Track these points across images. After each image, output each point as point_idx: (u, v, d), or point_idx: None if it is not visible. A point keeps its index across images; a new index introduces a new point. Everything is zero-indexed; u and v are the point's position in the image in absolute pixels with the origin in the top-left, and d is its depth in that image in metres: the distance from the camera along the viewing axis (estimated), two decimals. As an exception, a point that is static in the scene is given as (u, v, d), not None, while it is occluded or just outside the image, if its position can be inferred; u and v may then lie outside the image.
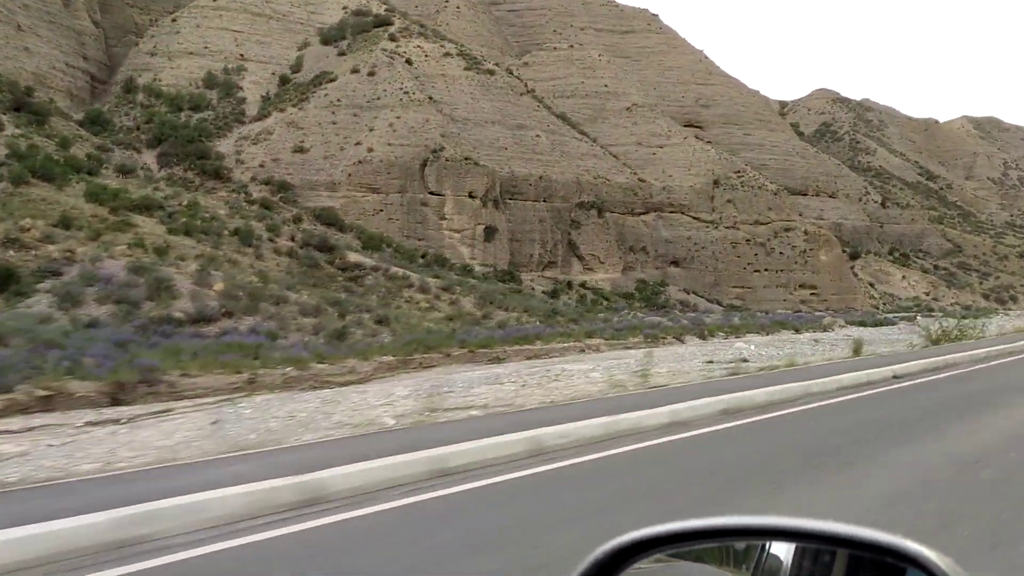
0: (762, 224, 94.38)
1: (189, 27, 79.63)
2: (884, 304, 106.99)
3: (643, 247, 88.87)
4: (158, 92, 71.76)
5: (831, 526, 1.40)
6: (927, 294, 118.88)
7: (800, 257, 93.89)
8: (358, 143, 69.26)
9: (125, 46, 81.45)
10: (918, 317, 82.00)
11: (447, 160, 71.45)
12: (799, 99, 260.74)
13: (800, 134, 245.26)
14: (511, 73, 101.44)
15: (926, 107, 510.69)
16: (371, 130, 70.63)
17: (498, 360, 31.85)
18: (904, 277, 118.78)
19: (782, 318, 57.89)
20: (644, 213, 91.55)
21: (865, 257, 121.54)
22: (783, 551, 1.50)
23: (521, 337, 34.80)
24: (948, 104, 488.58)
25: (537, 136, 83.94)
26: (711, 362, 24.37)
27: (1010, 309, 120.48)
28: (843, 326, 59.21)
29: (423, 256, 67.54)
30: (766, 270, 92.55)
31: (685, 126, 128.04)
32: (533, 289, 73.77)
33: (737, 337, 47.02)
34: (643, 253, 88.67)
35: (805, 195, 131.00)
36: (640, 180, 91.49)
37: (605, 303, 76.46)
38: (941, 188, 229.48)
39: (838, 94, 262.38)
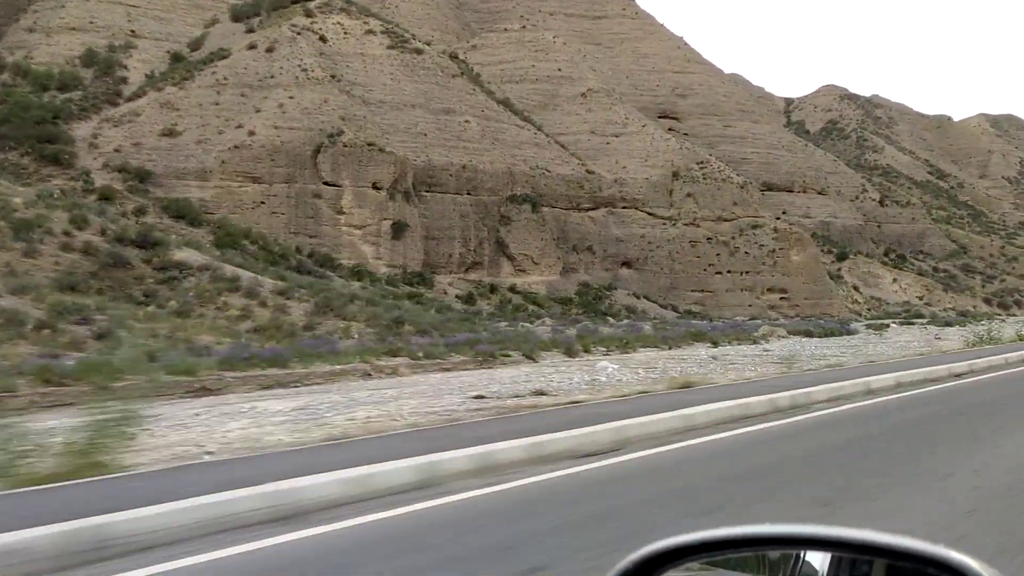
0: (726, 221, 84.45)
1: (76, 1, 71.53)
2: (869, 309, 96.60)
3: (589, 246, 79.30)
4: (26, 70, 63.65)
5: (869, 535, 1.33)
6: (920, 298, 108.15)
7: (768, 258, 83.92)
8: (239, 126, 60.55)
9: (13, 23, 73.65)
10: (891, 326, 72.06)
11: (345, 146, 62.41)
12: (805, 96, 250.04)
13: (806, 132, 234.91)
14: (455, 56, 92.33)
15: (941, 104, 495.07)
16: (257, 112, 61.86)
17: (207, 391, 22.89)
18: (895, 280, 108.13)
19: (704, 327, 48.18)
20: (592, 208, 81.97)
21: (854, 258, 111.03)
22: (818, 561, 1.44)
23: (267, 359, 25.75)
24: (964, 101, 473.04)
25: (466, 122, 74.68)
26: (480, 396, 16.09)
27: (1014, 314, 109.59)
28: (783, 336, 49.61)
29: (310, 255, 58.65)
30: (729, 272, 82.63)
31: (660, 117, 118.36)
32: (446, 293, 64.57)
33: (624, 353, 37.59)
34: (589, 253, 79.11)
35: (791, 191, 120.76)
36: (588, 172, 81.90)
37: (535, 309, 67.07)
38: (952, 187, 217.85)
39: (846, 90, 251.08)
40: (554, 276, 74.48)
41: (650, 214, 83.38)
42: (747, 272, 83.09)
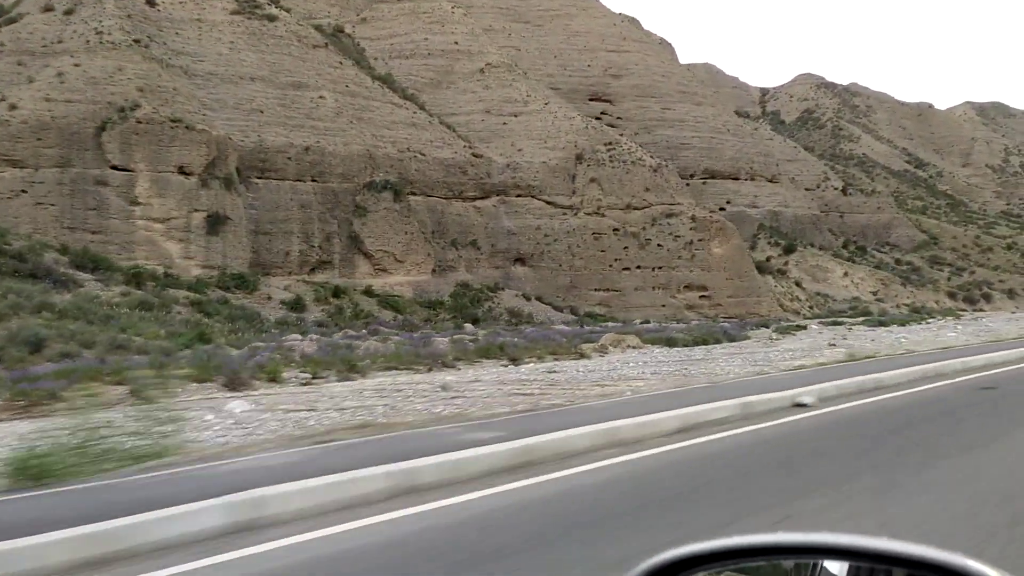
0: (636, 209, 73.29)
1: None
2: (812, 307, 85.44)
3: (473, 241, 68.18)
4: None
5: (887, 544, 1.31)
6: (875, 294, 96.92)
7: (686, 250, 72.81)
8: (2, 99, 49.65)
9: None
10: (808, 327, 60.86)
11: (140, 122, 51.30)
12: (782, 85, 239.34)
13: (781, 122, 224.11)
14: (341, 30, 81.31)
15: (926, 94, 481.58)
16: (30, 82, 50.99)
17: None
18: (847, 274, 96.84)
19: (514, 339, 36.83)
20: (482, 197, 70.89)
21: (803, 251, 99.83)
22: (836, 569, 1.42)
23: None
24: (950, 90, 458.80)
25: (320, 98, 63.54)
26: None
27: (981, 310, 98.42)
28: (634, 347, 38.53)
29: (82, 254, 47.60)
30: (639, 268, 71.51)
31: (591, 100, 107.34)
32: (269, 299, 53.44)
33: (348, 378, 26.59)
34: (472, 249, 67.99)
35: (736, 179, 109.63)
36: (475, 156, 70.76)
37: (391, 315, 55.94)
38: (931, 176, 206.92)
39: (823, 79, 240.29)
40: (423, 276, 63.29)
41: (549, 203, 72.24)
42: (660, 267, 71.95)
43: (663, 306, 70.75)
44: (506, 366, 30.83)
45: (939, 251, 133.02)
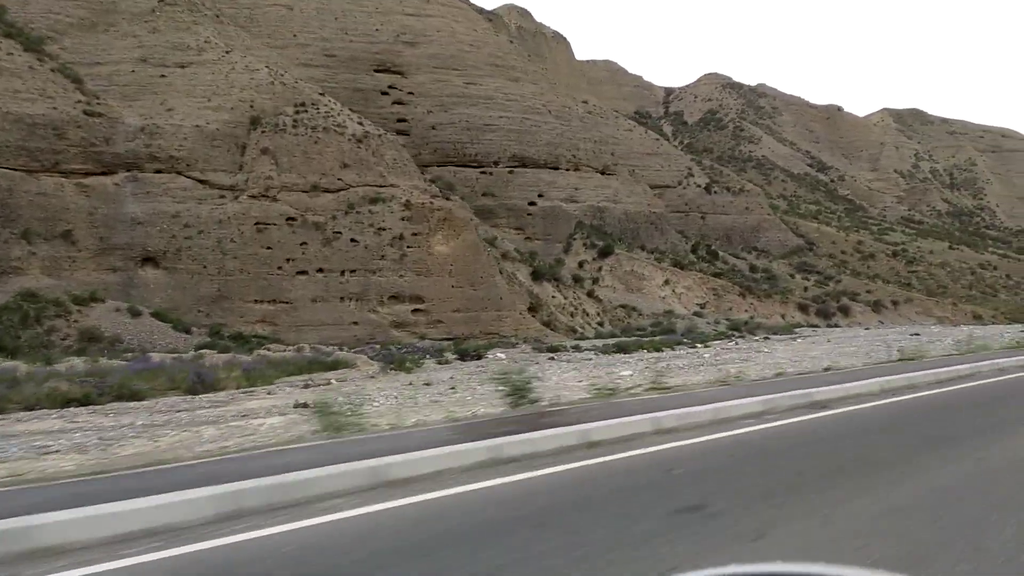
0: (327, 192, 53.36)
1: None
2: (601, 324, 66.34)
3: (66, 232, 47.58)
4: None
5: None
6: (701, 305, 78.37)
7: (394, 248, 53.07)
8: None
9: None
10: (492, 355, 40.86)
11: None
12: (687, 85, 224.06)
13: (683, 123, 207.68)
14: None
15: (845, 99, 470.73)
16: None
17: None
18: (667, 282, 78.13)
19: None
20: (100, 172, 50.39)
21: (619, 255, 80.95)
22: None
23: None
24: (870, 96, 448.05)
25: None
26: None
27: (835, 325, 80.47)
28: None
29: None
30: (321, 271, 51.54)
31: (377, 71, 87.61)
32: None
33: None
34: (65, 243, 47.39)
35: (555, 168, 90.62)
36: (89, 114, 50.15)
37: None
38: (832, 180, 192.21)
39: (729, 79, 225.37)
40: (-47, 280, 42.45)
41: (202, 181, 51.85)
42: (354, 271, 51.91)
43: (355, 323, 50.68)
44: None
45: (813, 257, 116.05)
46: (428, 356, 40.86)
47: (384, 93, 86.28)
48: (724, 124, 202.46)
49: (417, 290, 52.68)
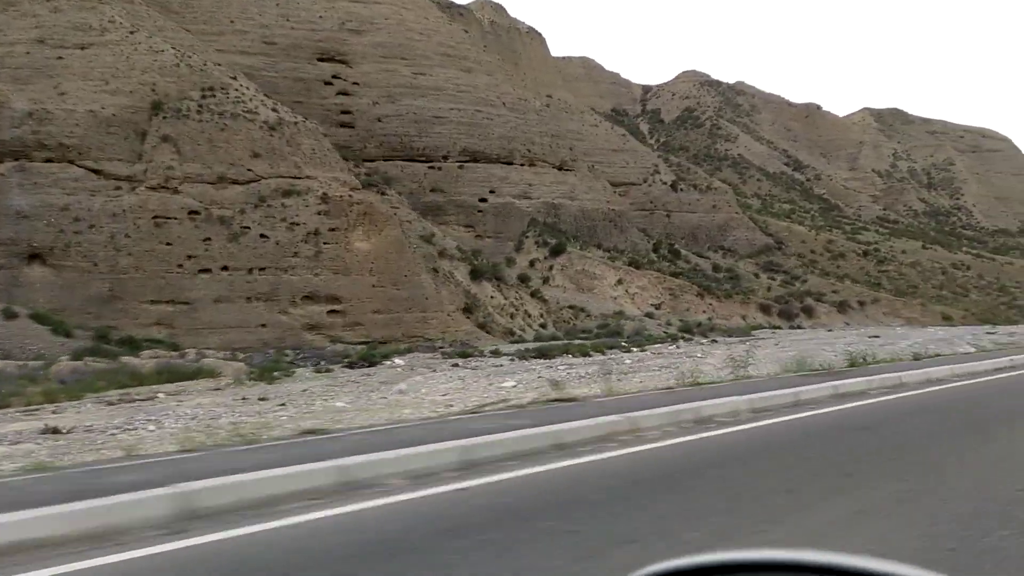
0: (235, 183, 49.24)
1: None
2: (543, 326, 62.40)
3: (-63, 225, 43.30)
4: None
5: (892, 567, 1.20)
6: (657, 306, 74.63)
7: (308, 245, 48.94)
8: None
9: None
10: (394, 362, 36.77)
11: None
12: (664, 83, 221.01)
13: (660, 121, 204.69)
14: None
15: (825, 98, 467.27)
16: None
17: None
18: (620, 282, 74.34)
19: None
20: (-18, 161, 46.15)
21: (571, 253, 77.10)
22: None
23: None
24: (851, 96, 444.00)
25: None
26: None
27: (799, 326, 76.97)
28: None
29: None
30: (226, 269, 47.39)
31: (320, 60, 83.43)
32: None
33: None
34: (-65, 236, 43.11)
35: (509, 163, 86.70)
36: (-31, 97, 45.86)
37: None
38: (808, 179, 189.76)
39: (708, 77, 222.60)
40: None
41: (96, 171, 47.57)
42: (263, 269, 47.74)
43: (263, 326, 46.53)
44: None
45: (781, 257, 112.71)
46: (321, 362, 36.89)
47: (328, 83, 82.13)
48: (701, 122, 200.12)
49: (333, 290, 48.61)
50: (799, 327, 77.00)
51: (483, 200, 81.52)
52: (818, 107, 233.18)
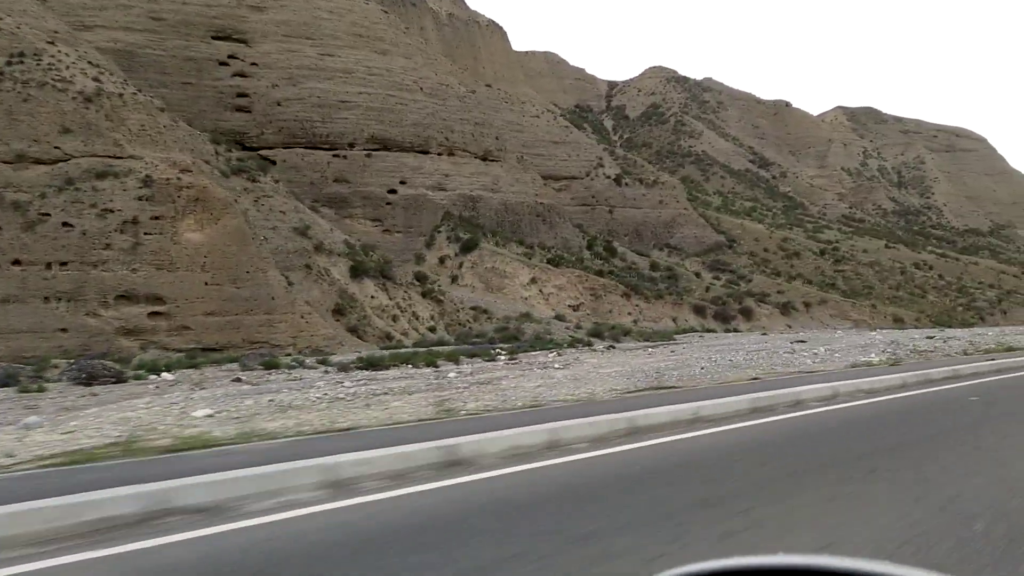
0: (39, 163, 41.88)
1: None
2: (434, 329, 55.19)
3: None
4: None
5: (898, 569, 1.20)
6: (575, 307, 67.59)
7: (124, 235, 41.64)
8: None
9: None
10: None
11: None
12: (631, 79, 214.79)
13: (625, 117, 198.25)
14: None
15: (798, 97, 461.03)
16: None
17: None
18: (534, 281, 67.33)
19: None
20: None
21: (483, 249, 70.00)
22: None
23: None
24: (824, 94, 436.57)
25: None
26: None
27: (735, 330, 70.06)
28: None
29: None
30: (18, 264, 40.07)
31: (216, 38, 75.97)
32: None
33: None
34: None
35: (424, 152, 79.46)
36: None
37: None
38: (774, 176, 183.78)
39: (675, 73, 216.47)
40: None
41: None
42: (65, 264, 40.35)
43: (63, 330, 39.11)
44: None
45: (731, 255, 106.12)
46: (83, 375, 29.47)
47: (223, 64, 74.65)
48: (666, 118, 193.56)
49: (155, 288, 41.17)
50: (735, 330, 70.21)
51: (392, 191, 74.28)
52: (787, 104, 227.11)
